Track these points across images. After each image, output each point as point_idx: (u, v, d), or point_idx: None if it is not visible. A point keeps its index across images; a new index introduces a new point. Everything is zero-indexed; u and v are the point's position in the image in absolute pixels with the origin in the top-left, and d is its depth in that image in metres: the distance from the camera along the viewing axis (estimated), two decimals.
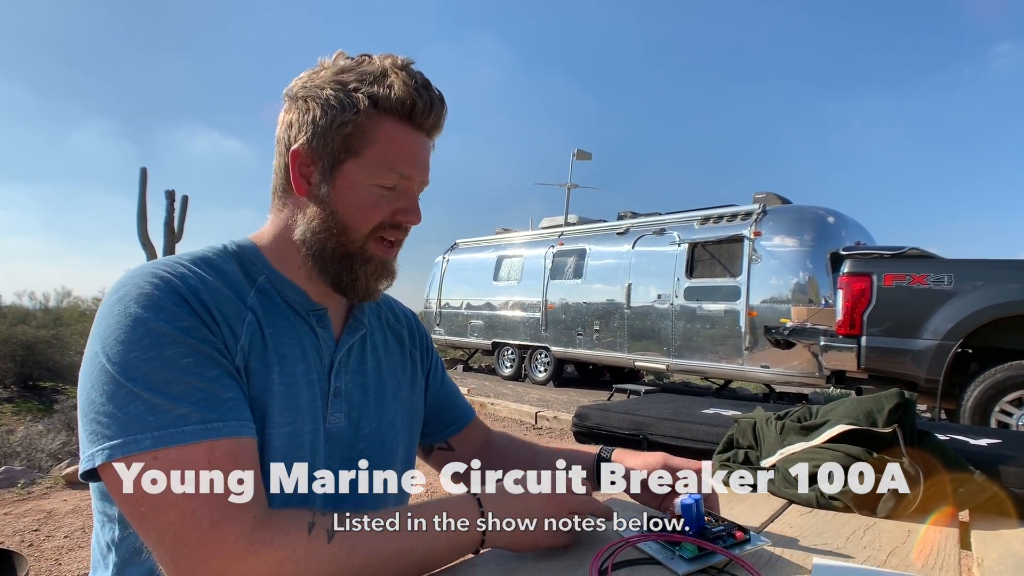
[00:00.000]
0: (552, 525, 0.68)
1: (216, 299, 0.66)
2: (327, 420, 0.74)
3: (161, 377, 0.58)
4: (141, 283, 0.63)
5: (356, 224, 0.73)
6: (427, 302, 11.74)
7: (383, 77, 0.71)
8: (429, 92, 0.73)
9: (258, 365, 0.67)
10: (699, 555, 0.71)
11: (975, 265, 4.49)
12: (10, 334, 7.91)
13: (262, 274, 0.74)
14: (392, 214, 0.74)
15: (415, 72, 0.74)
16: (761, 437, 1.18)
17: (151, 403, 0.56)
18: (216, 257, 0.72)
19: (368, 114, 0.71)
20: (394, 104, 0.71)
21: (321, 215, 0.73)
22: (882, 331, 4.58)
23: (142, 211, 10.88)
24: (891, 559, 0.79)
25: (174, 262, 0.68)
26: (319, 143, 0.71)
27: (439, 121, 0.76)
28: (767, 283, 6.70)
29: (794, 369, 6.43)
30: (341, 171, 0.72)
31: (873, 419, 1.05)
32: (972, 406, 4.31)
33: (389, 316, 0.93)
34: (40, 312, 13.48)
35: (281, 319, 0.72)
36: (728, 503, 1.03)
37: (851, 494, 0.98)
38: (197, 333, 0.62)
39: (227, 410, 0.60)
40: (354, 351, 0.81)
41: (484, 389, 8.43)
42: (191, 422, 0.57)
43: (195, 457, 0.56)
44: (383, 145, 0.71)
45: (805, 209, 6.92)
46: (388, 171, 0.72)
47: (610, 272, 8.46)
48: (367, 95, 0.71)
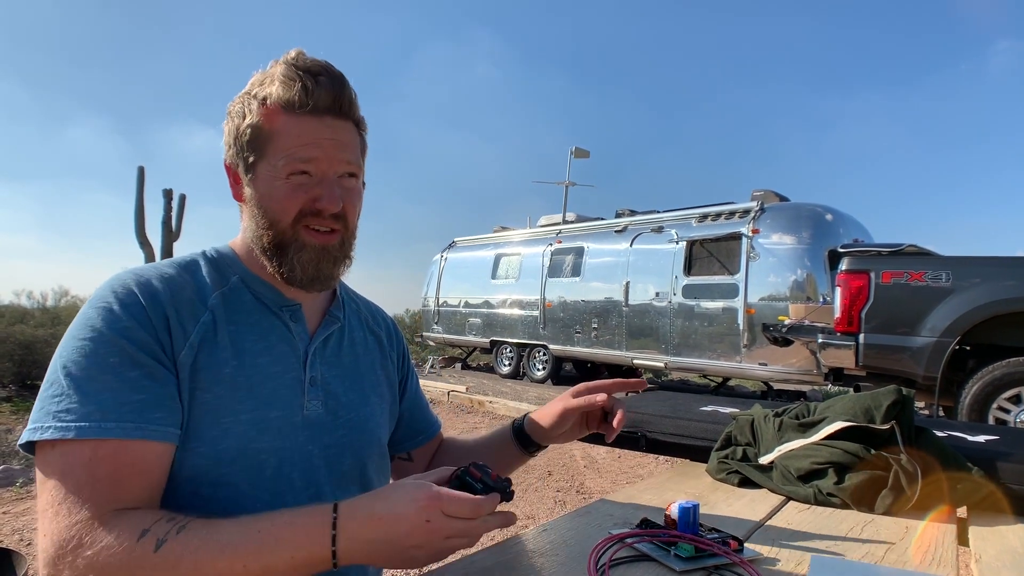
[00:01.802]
0: (422, 533, 0.60)
1: (175, 301, 0.72)
2: (304, 407, 0.78)
3: (86, 374, 0.64)
4: (107, 289, 0.70)
5: (278, 217, 0.75)
6: (425, 300, 11.74)
7: (272, 75, 0.75)
8: (312, 74, 0.74)
9: (207, 360, 0.71)
10: (695, 555, 0.72)
11: (973, 262, 4.50)
12: (8, 333, 7.89)
13: (235, 275, 0.80)
14: (310, 201, 0.75)
15: (303, 60, 0.76)
16: (759, 434, 1.18)
17: (68, 396, 0.63)
18: (192, 261, 0.79)
19: (261, 114, 0.74)
20: (276, 97, 0.74)
21: (253, 215, 0.78)
22: (880, 328, 4.59)
23: (140, 210, 10.85)
24: (889, 555, 0.79)
25: (146, 267, 0.75)
26: (236, 152, 0.77)
27: (335, 100, 0.75)
28: (765, 281, 6.71)
29: (792, 367, 6.44)
30: (256, 173, 0.76)
31: (871, 416, 1.05)
32: (970, 403, 4.33)
33: (369, 319, 0.96)
34: (38, 311, 13.47)
35: (246, 316, 0.77)
36: (727, 500, 1.03)
37: (849, 491, 0.98)
38: (133, 335, 0.67)
39: (128, 412, 0.64)
40: (330, 343, 0.85)
41: (482, 387, 8.43)
42: (91, 419, 0.62)
43: (79, 453, 0.62)
44: (280, 139, 0.74)
45: (803, 207, 6.93)
46: (290, 161, 0.74)
47: (608, 270, 8.46)
48: (258, 97, 0.75)
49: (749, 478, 1.12)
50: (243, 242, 0.82)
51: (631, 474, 4.50)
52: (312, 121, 0.74)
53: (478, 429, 6.01)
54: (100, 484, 0.61)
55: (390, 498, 0.63)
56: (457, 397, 7.74)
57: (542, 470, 4.48)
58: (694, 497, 0.98)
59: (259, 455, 0.72)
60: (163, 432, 0.66)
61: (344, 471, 0.81)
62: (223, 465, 0.70)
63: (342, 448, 0.81)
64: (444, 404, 7.63)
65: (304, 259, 0.77)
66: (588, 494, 3.99)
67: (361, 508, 0.62)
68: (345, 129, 0.78)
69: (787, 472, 1.06)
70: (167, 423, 0.66)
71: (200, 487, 0.69)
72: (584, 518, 0.90)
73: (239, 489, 0.70)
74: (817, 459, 1.03)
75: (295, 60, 0.75)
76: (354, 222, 0.82)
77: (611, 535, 0.77)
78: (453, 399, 7.74)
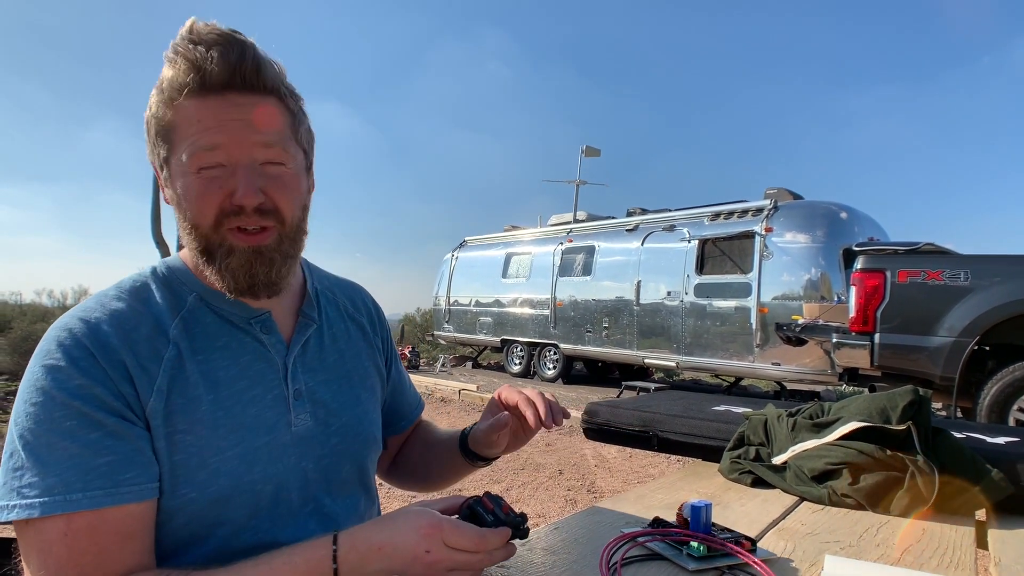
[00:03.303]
0: (422, 565, 0.59)
1: (130, 342, 0.64)
2: (292, 424, 0.73)
3: (43, 442, 0.58)
4: (53, 341, 0.63)
5: (197, 220, 0.66)
6: (436, 299, 11.76)
7: (165, 57, 0.65)
8: (204, 47, 0.63)
9: (180, 401, 0.65)
10: (708, 555, 0.71)
11: (992, 261, 4.42)
12: (30, 331, 8.02)
13: (192, 292, 0.71)
14: (226, 198, 0.65)
15: (194, 31, 0.64)
16: (772, 434, 1.17)
17: (28, 470, 0.58)
18: (143, 286, 0.70)
19: (159, 103, 0.65)
20: (172, 81, 0.64)
21: (178, 217, 0.69)
22: (896, 328, 4.53)
23: (156, 210, 10.96)
24: (905, 557, 0.78)
25: (95, 305, 0.67)
26: (152, 151, 0.69)
27: (232, 70, 0.64)
28: (778, 280, 6.65)
29: (806, 367, 6.38)
30: (170, 169, 0.67)
31: (887, 416, 1.03)
32: (989, 404, 4.26)
33: (348, 306, 0.89)
34: (58, 310, 13.65)
35: (212, 340, 0.70)
36: (739, 500, 1.02)
37: (864, 491, 0.97)
38: (87, 393, 0.60)
39: (94, 478, 0.58)
40: (310, 348, 0.78)
41: (493, 386, 8.44)
42: (54, 493, 0.57)
43: (52, 530, 0.57)
44: (181, 126, 0.64)
45: (817, 205, 6.86)
46: (194, 152, 0.64)
47: (619, 269, 8.43)
48: (157, 87, 0.65)
49: (762, 478, 1.11)
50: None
51: (642, 474, 4.48)
52: (211, 101, 0.64)
53: None
54: (83, 558, 0.57)
55: (391, 527, 0.60)
56: (468, 396, 7.75)
57: (553, 469, 4.48)
58: (706, 497, 0.97)
59: (254, 486, 0.68)
60: (138, 491, 0.60)
61: (343, 479, 0.78)
62: (218, 505, 0.66)
63: (338, 456, 0.77)
64: (455, 403, 7.65)
65: (233, 265, 0.67)
66: (599, 493, 3.98)
67: (361, 539, 0.60)
68: (258, 105, 0.66)
69: (801, 472, 1.05)
70: (141, 480, 0.61)
71: (198, 529, 0.66)
72: (596, 517, 0.90)
73: (237, 524, 0.67)
74: (831, 459, 1.02)
75: (186, 34, 0.64)
76: (291, 214, 0.70)
77: (623, 534, 0.77)
78: (464, 398, 7.76)
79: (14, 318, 11.04)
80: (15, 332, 8.20)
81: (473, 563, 0.60)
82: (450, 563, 0.59)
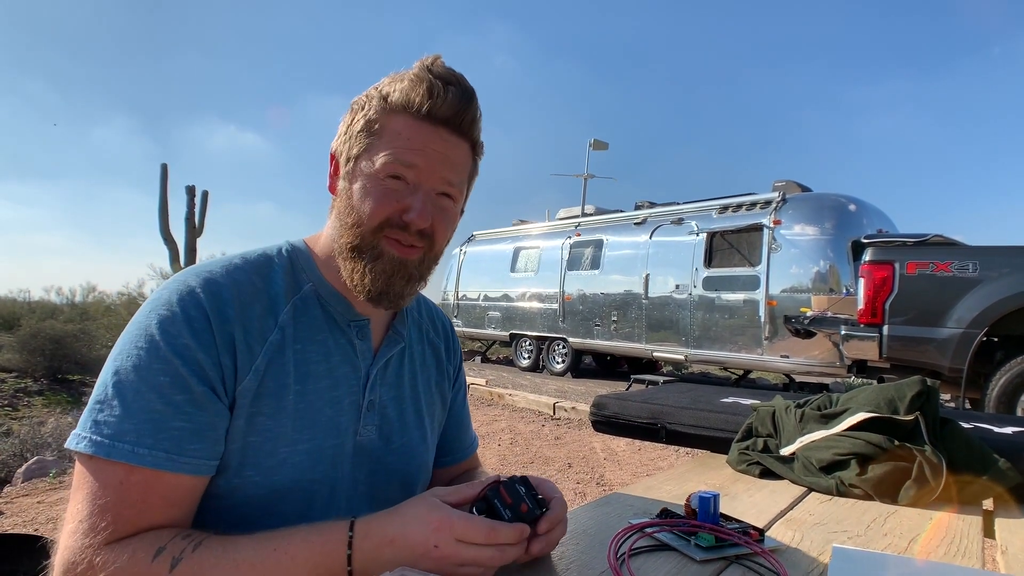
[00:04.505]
0: (432, 560, 0.58)
1: (244, 316, 0.67)
2: (358, 433, 0.75)
3: (133, 387, 0.61)
4: (174, 292, 0.66)
5: (364, 217, 0.71)
6: (445, 294, 11.79)
7: (404, 75, 0.72)
8: (445, 83, 0.70)
9: (273, 385, 0.68)
10: (716, 545, 0.72)
11: (1001, 252, 4.39)
12: (39, 328, 8.10)
13: (309, 282, 0.75)
14: (400, 211, 0.71)
15: (438, 66, 0.72)
16: (780, 425, 1.17)
17: (111, 407, 0.61)
18: (268, 262, 0.74)
19: (379, 110, 0.71)
20: (400, 97, 0.70)
21: (340, 212, 0.73)
22: (905, 320, 4.51)
23: (163, 207, 11.04)
24: (912, 547, 0.78)
25: (221, 269, 0.70)
26: (345, 142, 0.73)
27: (457, 113, 0.71)
28: (787, 272, 6.62)
29: (815, 359, 6.36)
30: (357, 166, 0.72)
31: (895, 407, 1.04)
32: (997, 395, 4.24)
33: (429, 329, 0.91)
34: (67, 307, 13.78)
35: (314, 333, 0.73)
36: (747, 491, 1.03)
37: (872, 482, 0.97)
38: (190, 355, 0.63)
39: (164, 439, 0.61)
40: (392, 364, 0.81)
41: (502, 380, 8.46)
42: (126, 439, 0.60)
43: (112, 473, 0.60)
44: (389, 137, 0.70)
45: (825, 197, 6.81)
46: (390, 161, 0.69)
47: (628, 263, 8.41)
48: (381, 93, 0.71)
49: (770, 469, 1.11)
50: (324, 240, 0.77)
51: (651, 466, 4.49)
52: (426, 128, 0.70)
53: (497, 421, 6.04)
54: (127, 508, 0.60)
55: (403, 518, 0.60)
56: (477, 390, 7.77)
57: (562, 462, 4.49)
58: (714, 488, 0.98)
59: (312, 486, 0.71)
60: (196, 465, 0.63)
61: (388, 497, 0.77)
62: (277, 496, 0.68)
63: (391, 474, 0.79)
64: None
65: (377, 269, 0.71)
66: (608, 486, 3.99)
67: (375, 529, 0.60)
68: (458, 147, 0.73)
69: (809, 463, 1.06)
70: (203, 455, 0.64)
71: (250, 513, 0.67)
72: (604, 508, 0.91)
73: (287, 518, 0.67)
74: (839, 450, 1.02)
75: (430, 64, 0.71)
76: (441, 245, 0.76)
77: (631, 524, 0.78)
78: (473, 392, 7.78)
79: (23, 315, 11.16)
80: (24, 329, 8.29)
81: (483, 559, 0.58)
82: (459, 559, 0.58)
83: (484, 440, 5.15)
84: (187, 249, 11.09)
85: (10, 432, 4.84)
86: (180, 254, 10.97)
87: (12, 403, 6.61)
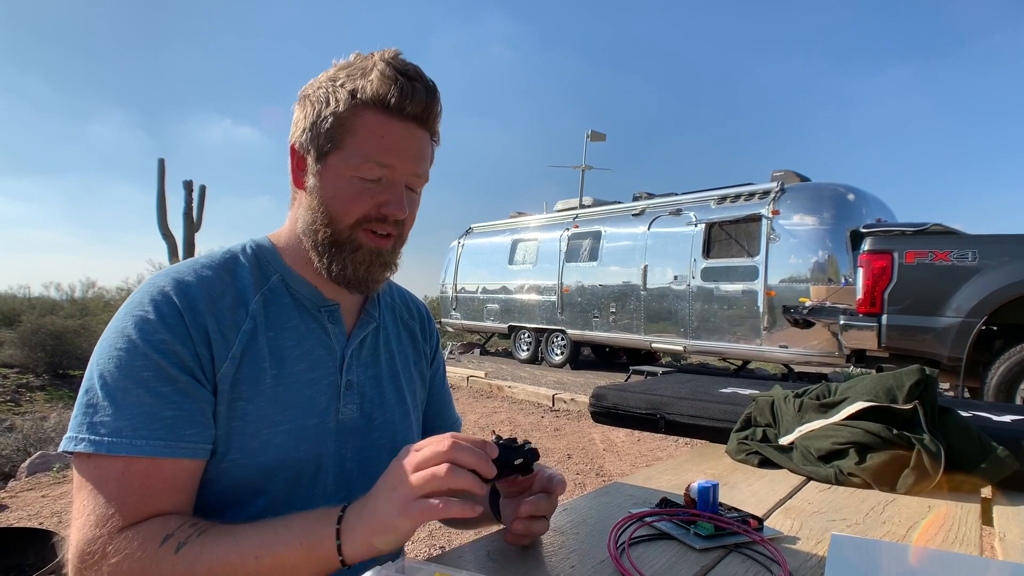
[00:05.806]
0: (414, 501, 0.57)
1: (215, 308, 0.70)
2: (339, 411, 0.78)
3: (120, 386, 0.64)
4: (145, 295, 0.69)
5: (340, 215, 0.73)
6: (443, 287, 11.78)
7: (369, 70, 0.72)
8: (410, 80, 0.72)
9: (249, 371, 0.71)
10: (715, 534, 0.72)
11: (1000, 241, 4.39)
12: (39, 324, 8.09)
13: (276, 273, 0.78)
14: (376, 206, 0.73)
15: (400, 62, 0.73)
16: (779, 415, 1.18)
17: (102, 408, 0.63)
18: (234, 259, 0.77)
19: (348, 106, 0.71)
20: (371, 95, 0.71)
21: (312, 208, 0.75)
22: (903, 309, 4.51)
23: (161, 202, 11.02)
24: (911, 534, 0.79)
25: (188, 269, 0.73)
26: (309, 138, 0.74)
27: (425, 109, 0.73)
28: (786, 262, 6.62)
29: (813, 349, 6.37)
30: (326, 163, 0.73)
31: (893, 396, 1.04)
32: (996, 384, 4.25)
33: (403, 311, 0.95)
34: (67, 303, 13.77)
35: (285, 320, 0.76)
36: (746, 480, 1.03)
37: (871, 470, 0.98)
38: (168, 348, 0.66)
39: (158, 428, 0.64)
40: (366, 344, 0.84)
41: (501, 373, 8.47)
42: (122, 435, 0.62)
43: (112, 468, 0.62)
44: (362, 136, 0.71)
45: (824, 186, 6.80)
46: (367, 161, 0.72)
47: (626, 254, 8.41)
48: (348, 89, 0.72)
49: (769, 459, 1.12)
50: (288, 234, 0.80)
51: (650, 457, 4.51)
52: (398, 126, 0.72)
53: (497, 413, 6.06)
54: (131, 498, 0.62)
55: (376, 501, 0.59)
56: (476, 382, 7.79)
57: (562, 453, 4.51)
58: (714, 477, 0.98)
59: (298, 464, 0.73)
60: (193, 449, 0.66)
61: (377, 472, 0.74)
62: (264, 476, 0.71)
63: (376, 450, 0.81)
64: (464, 389, 7.69)
65: (358, 260, 0.75)
66: (608, 476, 4.01)
67: (354, 512, 0.60)
68: (423, 139, 0.76)
69: (808, 452, 1.06)
70: (198, 439, 0.66)
71: (240, 495, 0.70)
72: (604, 498, 0.91)
73: (277, 495, 0.71)
74: (838, 439, 1.03)
75: (393, 60, 0.73)
76: (408, 231, 0.81)
77: (631, 514, 0.78)
78: (472, 384, 7.80)
79: (23, 311, 11.14)
80: (24, 325, 8.28)
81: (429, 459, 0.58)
82: (412, 465, 0.58)
83: (484, 433, 5.16)
84: (185, 244, 11.07)
85: (13, 427, 4.84)
86: (179, 249, 10.96)
87: (14, 398, 6.62)
